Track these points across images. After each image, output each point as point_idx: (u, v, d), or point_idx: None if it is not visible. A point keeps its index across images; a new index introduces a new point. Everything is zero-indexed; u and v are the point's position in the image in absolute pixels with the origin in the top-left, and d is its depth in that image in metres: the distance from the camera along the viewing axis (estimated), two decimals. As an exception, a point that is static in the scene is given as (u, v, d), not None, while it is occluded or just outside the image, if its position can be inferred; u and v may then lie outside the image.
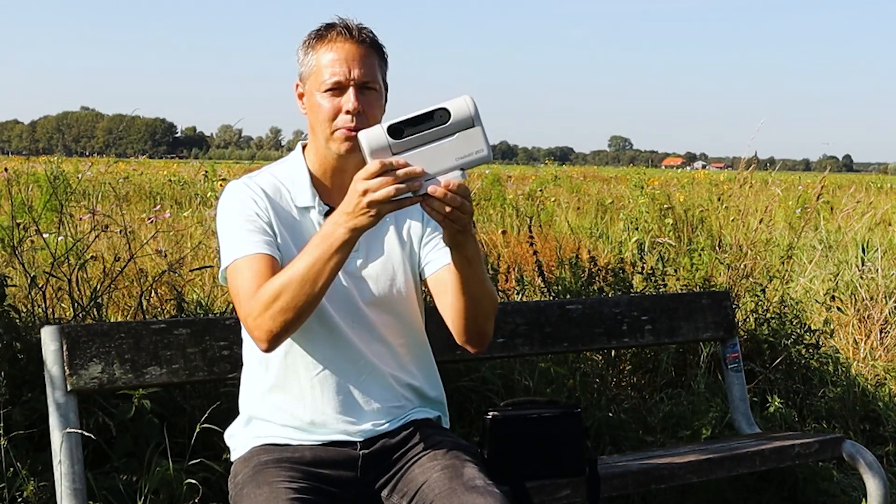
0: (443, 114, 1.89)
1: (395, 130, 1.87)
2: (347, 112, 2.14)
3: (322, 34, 2.19)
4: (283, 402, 2.22)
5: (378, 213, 1.88)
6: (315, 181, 2.25)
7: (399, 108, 2.49)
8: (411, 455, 2.24)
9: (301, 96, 2.24)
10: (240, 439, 2.29)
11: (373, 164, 1.85)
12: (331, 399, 2.21)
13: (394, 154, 1.86)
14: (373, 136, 1.87)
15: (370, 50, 2.19)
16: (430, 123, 1.88)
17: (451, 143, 1.89)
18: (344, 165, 2.21)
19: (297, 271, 1.99)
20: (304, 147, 2.30)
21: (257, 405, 2.26)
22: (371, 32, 2.22)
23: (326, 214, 2.18)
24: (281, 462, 2.15)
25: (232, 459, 2.30)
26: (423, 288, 2.37)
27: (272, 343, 2.07)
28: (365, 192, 1.86)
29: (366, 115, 2.15)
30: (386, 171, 1.85)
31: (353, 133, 2.12)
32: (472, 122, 1.90)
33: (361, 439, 2.22)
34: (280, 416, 2.23)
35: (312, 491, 2.08)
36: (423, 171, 1.87)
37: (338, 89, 2.15)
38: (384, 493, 2.23)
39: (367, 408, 2.24)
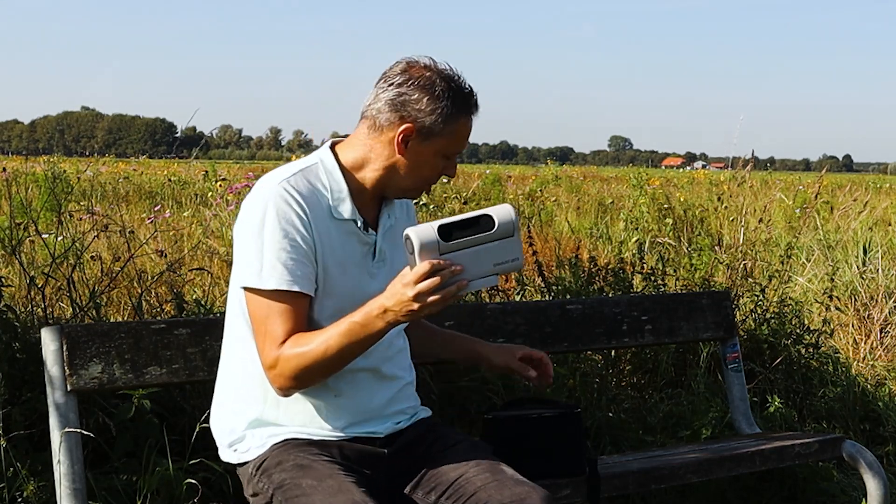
0: (488, 220, 1.97)
1: (446, 232, 1.94)
2: (448, 177, 2.26)
3: (468, 106, 2.18)
4: (303, 408, 2.21)
5: (428, 312, 1.96)
6: (353, 194, 2.21)
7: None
8: (434, 452, 2.27)
9: (406, 139, 2.16)
10: (251, 440, 2.24)
11: (423, 266, 1.92)
12: (359, 402, 2.23)
13: (441, 254, 1.93)
14: (424, 235, 1.92)
15: None
16: (476, 228, 1.96)
17: (492, 248, 1.97)
18: (386, 195, 2.26)
19: (329, 352, 2.05)
20: (334, 151, 2.24)
21: (270, 409, 2.22)
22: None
23: (364, 227, 2.21)
24: (321, 456, 2.15)
25: (240, 461, 2.26)
26: None
27: (290, 394, 2.15)
28: (417, 296, 1.93)
29: None
30: (434, 272, 1.91)
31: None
32: (512, 231, 1.98)
33: (382, 436, 2.25)
34: (299, 420, 2.22)
35: (361, 485, 2.09)
36: (463, 270, 1.94)
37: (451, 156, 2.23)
38: (407, 489, 2.25)
39: (385, 412, 2.27)
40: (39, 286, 3.30)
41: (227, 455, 2.31)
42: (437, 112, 2.14)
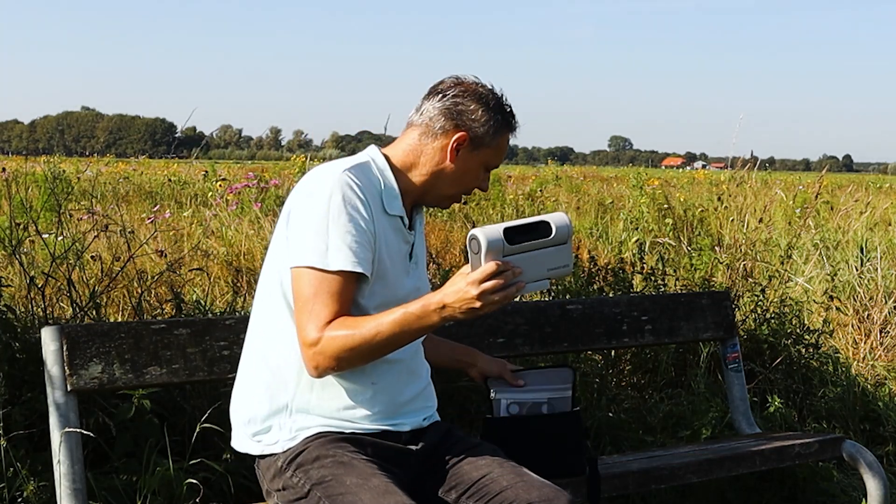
0: (546, 227, 2.06)
1: (510, 235, 2.02)
2: (481, 190, 2.38)
3: (512, 123, 2.33)
4: (337, 394, 2.22)
5: (486, 311, 2.03)
6: (401, 193, 2.31)
7: (399, 109, 2.53)
8: (455, 452, 2.31)
9: (458, 149, 2.28)
10: (280, 431, 2.23)
11: (490, 266, 1.99)
12: (384, 395, 2.26)
13: (504, 257, 2.01)
14: (492, 237, 2.00)
15: None
16: (536, 234, 2.05)
17: (548, 254, 2.06)
18: (424, 202, 2.35)
19: (379, 337, 2.10)
20: (383, 153, 2.32)
21: (302, 393, 2.22)
22: None
23: (409, 226, 2.31)
24: (359, 454, 2.17)
25: (265, 452, 2.24)
26: None
27: (322, 376, 2.17)
28: (481, 294, 2.00)
29: None
30: (499, 272, 1.99)
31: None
32: (567, 238, 2.08)
33: (408, 431, 2.29)
34: (331, 407, 2.22)
35: (400, 486, 2.12)
36: (521, 273, 2.02)
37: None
38: (430, 487, 2.28)
39: (413, 406, 2.33)
40: (39, 286, 3.30)
41: (245, 445, 2.28)
42: (490, 124, 2.28)
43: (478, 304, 2.01)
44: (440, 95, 2.28)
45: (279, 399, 2.23)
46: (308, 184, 2.20)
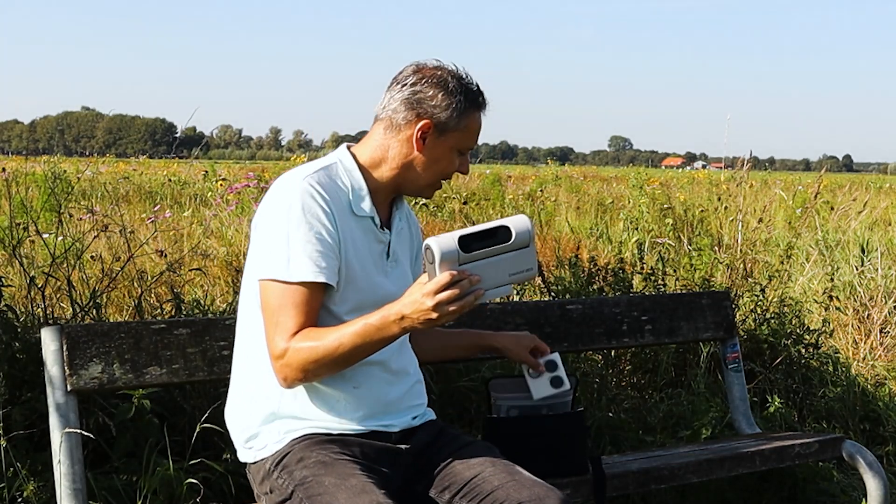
0: (505, 231, 2.01)
1: (465, 243, 1.98)
2: (460, 172, 2.31)
3: (477, 102, 2.27)
4: (323, 400, 2.22)
5: (444, 321, 2.00)
6: (372, 193, 2.27)
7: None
8: (447, 452, 2.29)
9: (424, 137, 2.24)
10: (267, 436, 2.24)
11: (444, 276, 1.97)
12: (369, 397, 2.24)
13: (460, 265, 1.98)
14: (445, 246, 1.97)
15: None
16: (494, 240, 2.01)
17: (508, 259, 2.02)
18: (402, 193, 2.33)
19: (342, 349, 2.08)
20: (351, 151, 2.30)
21: (287, 401, 2.22)
22: None
23: (382, 226, 2.27)
24: (343, 454, 2.16)
25: (255, 458, 2.25)
26: None
27: (292, 387, 2.18)
28: (437, 305, 1.97)
29: None
30: (454, 282, 1.97)
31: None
32: (528, 242, 2.03)
33: (397, 430, 2.27)
34: (317, 412, 2.22)
35: (381, 486, 2.11)
36: (480, 280, 1.99)
37: (463, 152, 2.30)
38: (421, 488, 2.27)
39: (400, 405, 2.30)
40: (39, 286, 3.30)
41: (243, 454, 2.30)
42: (452, 107, 2.22)
43: (434, 315, 1.99)
44: (400, 86, 2.24)
45: (267, 407, 2.24)
46: (270, 194, 2.21)
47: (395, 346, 2.28)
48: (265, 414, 2.24)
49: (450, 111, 2.22)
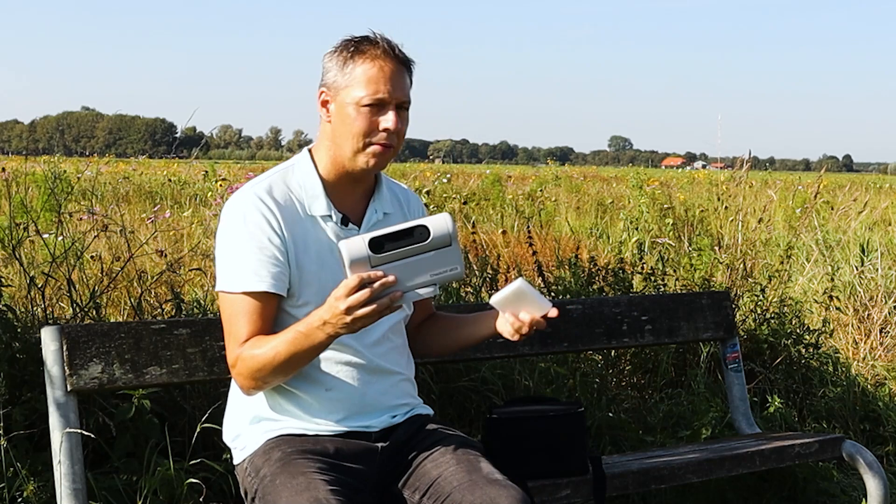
0: (423, 231, 1.96)
1: (376, 244, 1.93)
2: (386, 130, 2.18)
3: (363, 49, 2.19)
4: (298, 403, 2.23)
5: (363, 325, 1.96)
6: (328, 188, 2.25)
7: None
8: (423, 449, 2.26)
9: (325, 104, 2.22)
10: (249, 437, 2.27)
11: (352, 280, 1.92)
12: (350, 397, 2.23)
13: (372, 267, 1.93)
14: (354, 248, 1.93)
15: (406, 69, 2.23)
16: (410, 240, 1.95)
17: (428, 259, 1.96)
18: (361, 177, 2.26)
19: (278, 357, 2.08)
20: (310, 151, 2.29)
21: (266, 405, 2.26)
22: (405, 51, 2.24)
23: (342, 222, 2.23)
24: (306, 453, 2.15)
25: (240, 459, 2.29)
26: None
27: (252, 394, 2.20)
28: (348, 309, 1.93)
29: (398, 134, 2.20)
30: (364, 284, 1.91)
31: (385, 152, 2.19)
32: (449, 240, 1.97)
33: (377, 430, 2.25)
34: (294, 414, 2.24)
35: (340, 483, 2.10)
36: (395, 281, 1.93)
37: (378, 106, 2.17)
38: (398, 485, 2.25)
39: (381, 404, 2.27)
40: (39, 286, 3.30)
41: (234, 455, 2.34)
42: (336, 65, 2.19)
43: (348, 319, 1.95)
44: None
45: (251, 409, 2.28)
46: (223, 209, 2.24)
47: (383, 348, 2.26)
48: (250, 416, 2.28)
49: (335, 70, 2.19)
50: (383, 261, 1.94)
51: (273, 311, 2.16)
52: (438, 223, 1.97)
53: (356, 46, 2.19)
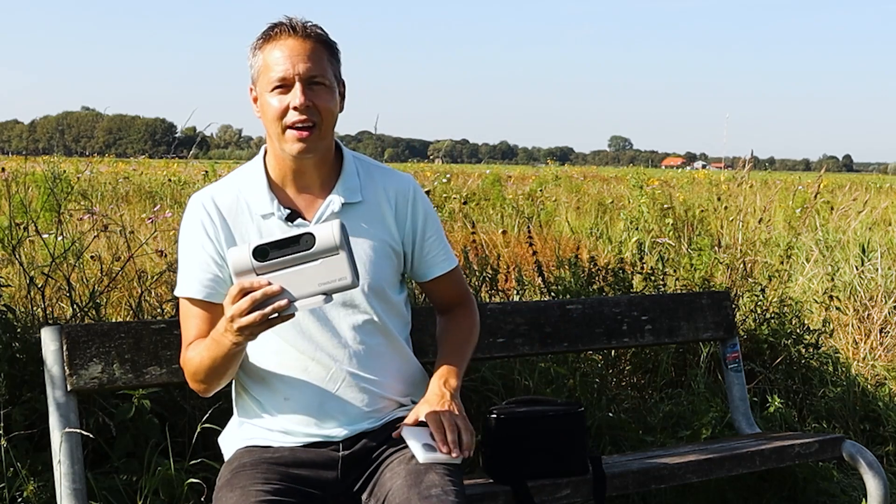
0: (309, 239, 1.90)
1: (260, 252, 1.90)
2: (295, 108, 2.12)
3: (268, 34, 2.18)
4: (262, 411, 2.25)
5: (251, 333, 1.92)
6: (274, 186, 2.22)
7: (397, 108, 2.50)
8: (385, 457, 2.21)
9: (255, 100, 2.22)
10: (230, 442, 2.32)
11: (233, 288, 1.90)
12: (307, 406, 2.21)
13: (257, 275, 1.90)
14: (237, 257, 1.92)
15: (317, 45, 2.16)
16: (296, 248, 1.90)
17: (315, 268, 1.91)
18: (301, 167, 2.21)
19: (203, 363, 2.10)
20: (265, 152, 2.27)
21: (244, 409, 2.30)
22: (319, 28, 2.19)
23: (288, 218, 2.19)
24: (258, 464, 2.14)
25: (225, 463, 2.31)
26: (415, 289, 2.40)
27: (205, 395, 2.23)
28: (231, 318, 1.91)
29: (318, 110, 2.14)
30: (247, 292, 1.88)
31: (307, 133, 2.13)
32: (336, 249, 1.90)
33: (342, 439, 2.21)
34: (264, 419, 2.24)
35: (287, 492, 2.07)
36: (280, 290, 1.89)
37: (285, 87, 2.14)
38: (363, 495, 2.21)
39: (345, 412, 2.22)
40: (39, 286, 3.29)
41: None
42: (251, 58, 2.19)
43: (234, 328, 1.91)
44: None
45: (236, 416, 2.33)
46: None
47: (359, 353, 2.20)
48: (237, 421, 2.32)
49: (252, 63, 2.19)
50: (268, 269, 1.89)
51: (216, 315, 2.11)
52: (325, 231, 1.91)
53: (264, 35, 2.18)
